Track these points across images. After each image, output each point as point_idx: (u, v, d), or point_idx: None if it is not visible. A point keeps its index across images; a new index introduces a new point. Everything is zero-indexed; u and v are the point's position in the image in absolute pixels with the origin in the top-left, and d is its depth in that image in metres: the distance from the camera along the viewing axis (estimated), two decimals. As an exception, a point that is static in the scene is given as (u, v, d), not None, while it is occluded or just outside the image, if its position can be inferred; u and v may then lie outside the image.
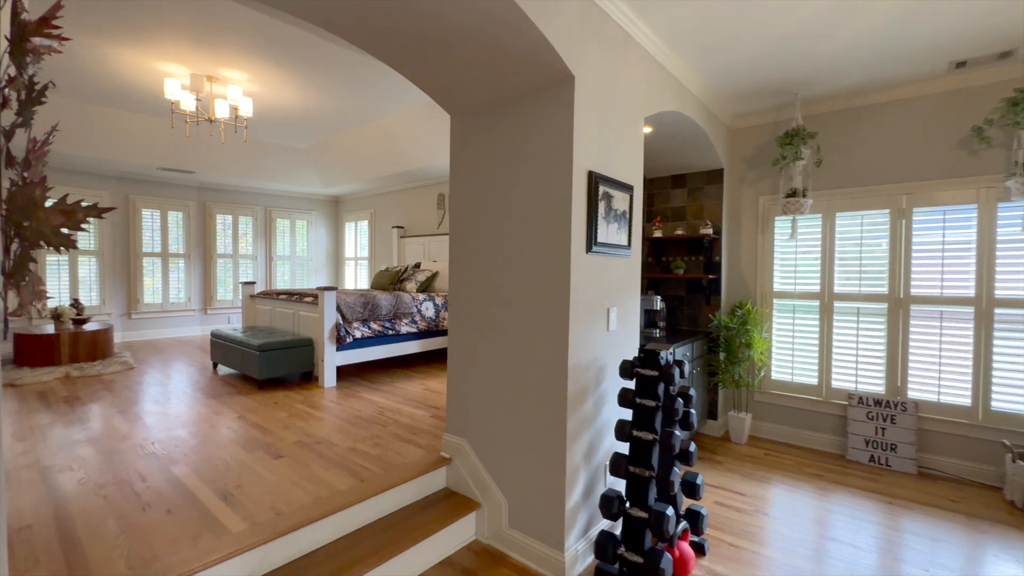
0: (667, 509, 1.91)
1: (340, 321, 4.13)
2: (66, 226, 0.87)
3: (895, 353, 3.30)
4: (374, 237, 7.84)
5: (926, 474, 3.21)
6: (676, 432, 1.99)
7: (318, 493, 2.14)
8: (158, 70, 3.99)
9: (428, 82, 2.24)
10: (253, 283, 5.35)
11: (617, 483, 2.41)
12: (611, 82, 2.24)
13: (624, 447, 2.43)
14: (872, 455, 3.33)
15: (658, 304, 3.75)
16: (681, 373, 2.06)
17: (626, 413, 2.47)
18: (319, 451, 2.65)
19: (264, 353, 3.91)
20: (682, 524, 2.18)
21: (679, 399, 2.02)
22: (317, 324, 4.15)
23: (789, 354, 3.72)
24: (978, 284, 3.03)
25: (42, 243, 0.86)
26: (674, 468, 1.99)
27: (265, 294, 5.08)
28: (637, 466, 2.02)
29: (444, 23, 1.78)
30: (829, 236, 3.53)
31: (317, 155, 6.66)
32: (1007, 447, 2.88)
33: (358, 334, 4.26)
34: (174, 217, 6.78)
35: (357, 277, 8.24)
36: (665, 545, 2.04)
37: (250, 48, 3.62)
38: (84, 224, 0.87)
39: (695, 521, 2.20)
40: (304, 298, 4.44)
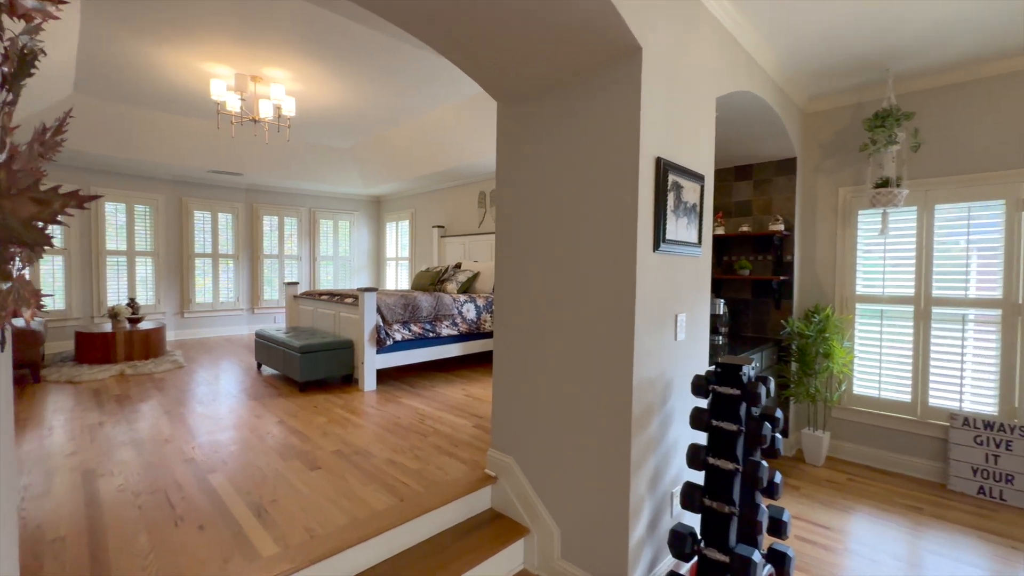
0: (753, 554, 1.61)
1: (380, 323, 4.02)
2: (40, 218, 0.71)
3: (1012, 368, 2.82)
4: (414, 237, 7.78)
5: (1052, 512, 2.72)
6: (763, 462, 1.69)
7: (355, 512, 1.98)
8: (204, 71, 4.00)
9: (475, 65, 2.03)
10: (296, 283, 5.35)
11: (683, 513, 2.12)
12: (680, 56, 1.95)
13: (695, 475, 2.13)
14: (982, 486, 2.86)
15: (720, 308, 3.40)
16: (767, 392, 1.76)
17: (697, 436, 2.17)
18: (357, 462, 2.50)
19: (305, 355, 3.85)
20: (766, 569, 1.87)
21: (766, 422, 1.72)
22: (357, 326, 4.05)
23: (875, 366, 3.28)
24: (1125, 288, 2.52)
25: (12, 242, 0.70)
26: (760, 505, 1.69)
27: (307, 294, 5.06)
28: (715, 500, 1.73)
29: (494, -10, 1.56)
30: (926, 231, 3.07)
31: (359, 155, 6.64)
32: None
33: (398, 336, 4.13)
34: (224, 219, 6.95)
35: (398, 277, 8.21)
36: (747, 593, 1.74)
37: (292, 44, 3.55)
38: (63, 216, 0.70)
39: (781, 564, 1.88)
40: (345, 299, 4.37)
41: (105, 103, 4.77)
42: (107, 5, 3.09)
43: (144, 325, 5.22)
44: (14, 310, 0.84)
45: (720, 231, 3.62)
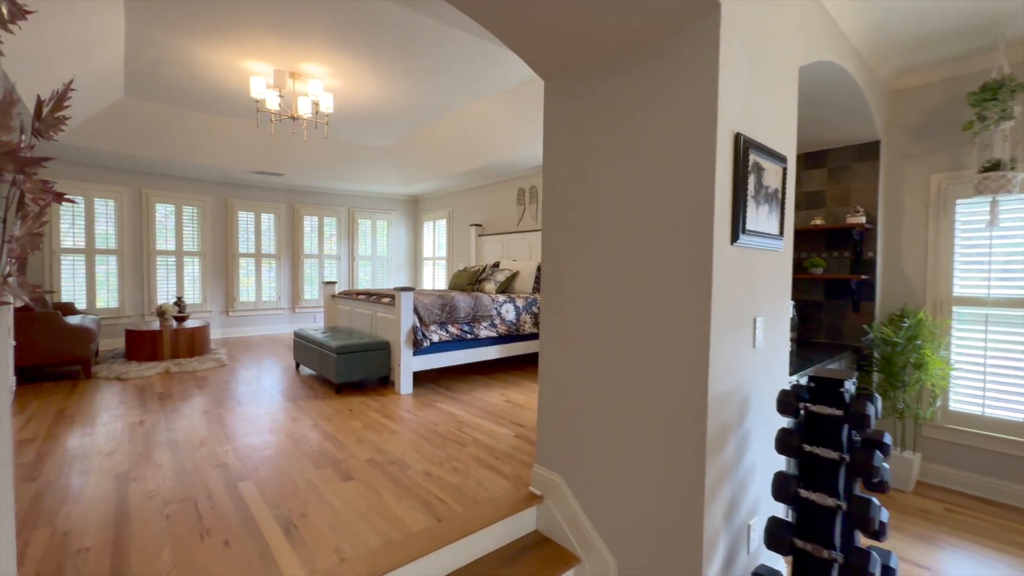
0: (863, 613, 1.32)
1: (417, 324, 3.87)
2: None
3: None
4: (452, 236, 7.66)
5: None
6: (874, 499, 1.38)
7: (388, 533, 1.80)
8: (243, 69, 3.99)
9: (524, 37, 1.82)
10: (334, 283, 5.31)
11: (761, 550, 1.82)
12: (761, 16, 1.67)
13: (774, 505, 1.84)
14: (1121, 526, 2.40)
15: (790, 310, 3.04)
16: (876, 412, 1.45)
17: (776, 459, 1.87)
18: (392, 473, 2.33)
19: (342, 356, 3.75)
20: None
21: (876, 451, 1.41)
22: (394, 326, 3.92)
23: (979, 379, 2.84)
24: None
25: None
26: (870, 552, 1.39)
27: (345, 294, 5.00)
28: (810, 541, 1.44)
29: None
30: (1045, 223, 2.62)
31: (396, 153, 6.58)
32: None
33: (435, 338, 3.97)
34: (267, 219, 7.06)
35: (435, 277, 8.13)
36: (850, 656, 1.44)
37: (331, 37, 3.45)
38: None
39: (887, 619, 1.56)
40: (381, 299, 4.26)
41: (154, 105, 4.87)
42: (149, 5, 3.08)
43: (189, 323, 5.31)
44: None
45: (788, 225, 3.25)
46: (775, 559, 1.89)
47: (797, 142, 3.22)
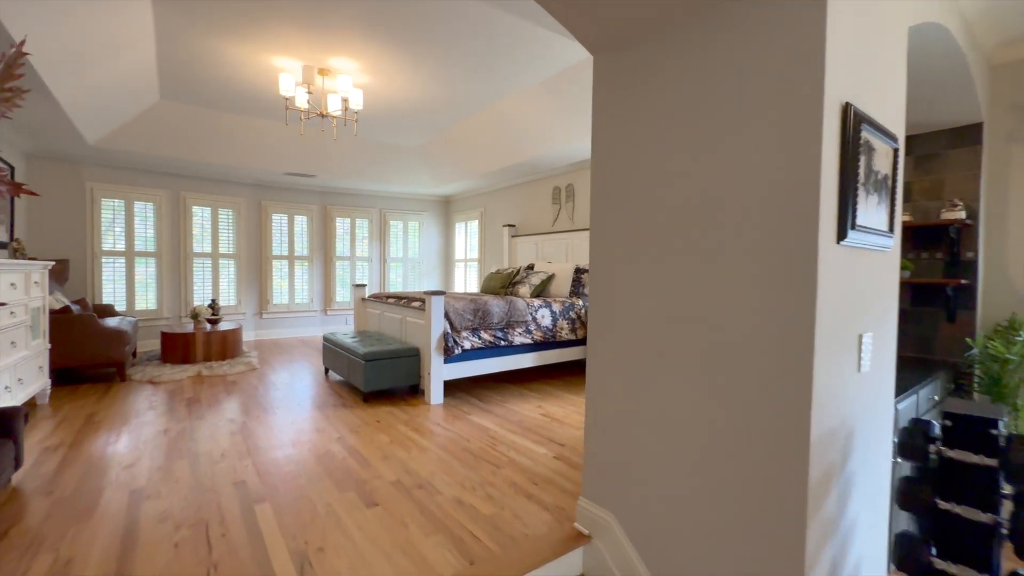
0: None
1: (448, 329, 3.66)
2: None
3: None
4: (484, 237, 7.45)
5: None
6: (1047, 583, 1.04)
7: (413, 575, 1.57)
8: (272, 67, 3.88)
9: (572, 6, 1.55)
10: (364, 285, 5.17)
11: (865, 617, 1.48)
12: (872, -40, 1.35)
13: (877, 564, 1.49)
14: None
15: (895, 325, 2.64)
16: (1043, 464, 1.10)
17: (882, 510, 1.53)
18: (420, 500, 2.10)
19: (370, 363, 3.57)
20: None
21: (1046, 516, 1.07)
22: (424, 332, 3.72)
23: (1113, 405, 2.37)
24: None
25: None
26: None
27: (375, 297, 4.85)
28: (951, 630, 1.11)
29: None
30: None
31: (427, 153, 6.42)
32: None
33: (467, 345, 3.75)
34: (300, 221, 7.04)
35: (466, 279, 7.94)
36: None
37: (360, 28, 3.28)
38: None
39: None
40: (412, 302, 4.07)
41: (189, 107, 4.86)
42: (176, 4, 2.99)
43: (222, 326, 5.29)
44: None
45: (866, 222, 2.85)
46: (879, 628, 1.55)
47: (880, 127, 2.81)
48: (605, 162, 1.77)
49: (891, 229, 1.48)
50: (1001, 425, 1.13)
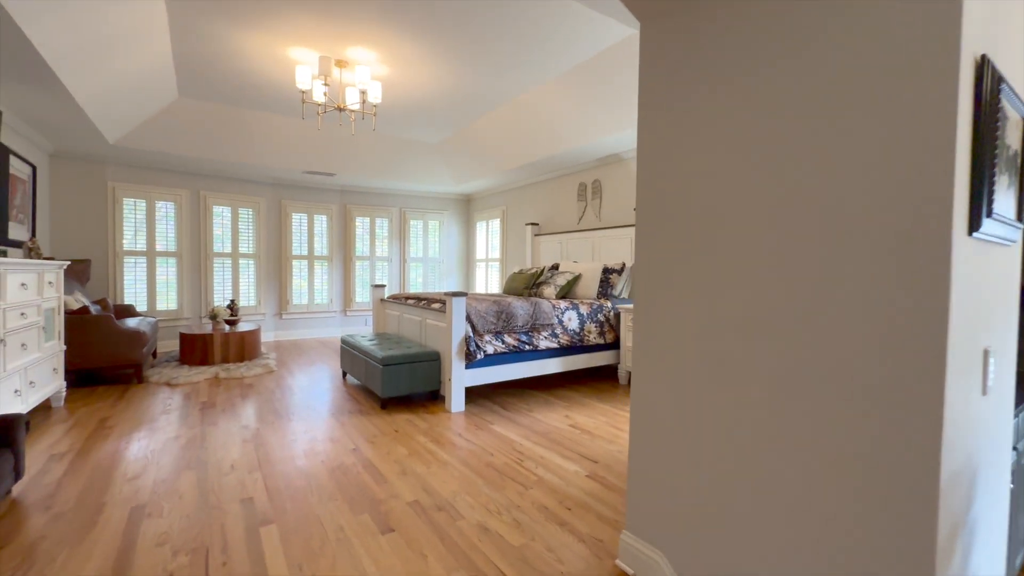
0: None
1: (470, 333, 3.45)
2: None
3: None
4: (506, 236, 7.24)
5: None
6: None
7: (434, 624, 1.35)
8: (288, 59, 3.74)
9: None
10: (383, 286, 5.01)
11: None
12: None
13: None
14: None
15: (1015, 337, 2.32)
16: None
17: (998, 562, 1.25)
18: (440, 525, 1.89)
19: (388, 368, 3.39)
20: None
21: None
22: (444, 335, 3.52)
23: None
24: None
25: None
26: None
27: (394, 298, 4.68)
28: None
29: None
30: None
31: (448, 149, 6.24)
32: None
33: (490, 349, 3.53)
34: (319, 220, 6.95)
35: (488, 280, 7.73)
36: None
37: (379, 15, 3.10)
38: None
39: None
40: (431, 304, 3.87)
41: (207, 104, 4.78)
42: (189, -14, 2.86)
43: (241, 327, 5.21)
44: None
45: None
46: None
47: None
48: (655, 141, 1.52)
49: (1020, 218, 1.21)
50: None
